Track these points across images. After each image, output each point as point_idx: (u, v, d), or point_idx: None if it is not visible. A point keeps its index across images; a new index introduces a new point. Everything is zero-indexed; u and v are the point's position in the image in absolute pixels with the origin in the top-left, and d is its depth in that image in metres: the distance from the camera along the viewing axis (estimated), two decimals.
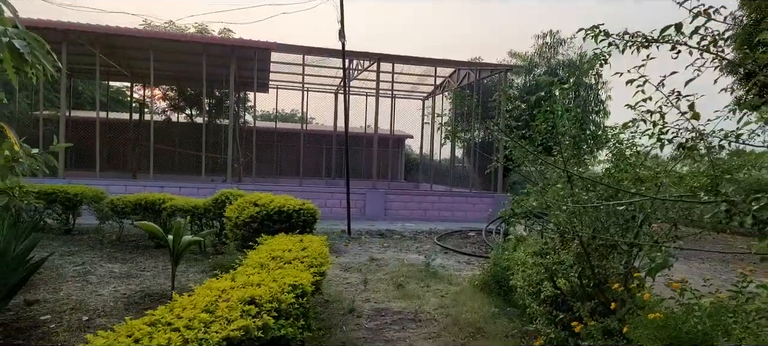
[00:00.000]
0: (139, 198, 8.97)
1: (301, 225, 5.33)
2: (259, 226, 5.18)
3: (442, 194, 15.67)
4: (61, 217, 9.92)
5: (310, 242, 4.59)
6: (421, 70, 19.01)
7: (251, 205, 5.43)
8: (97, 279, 6.71)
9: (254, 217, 5.21)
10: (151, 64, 13.75)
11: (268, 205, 5.31)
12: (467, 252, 10.02)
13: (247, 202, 5.55)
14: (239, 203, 5.56)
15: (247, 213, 5.25)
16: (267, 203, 5.38)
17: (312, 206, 5.56)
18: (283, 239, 4.66)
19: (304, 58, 15.46)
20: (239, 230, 5.28)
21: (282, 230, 5.22)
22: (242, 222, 5.22)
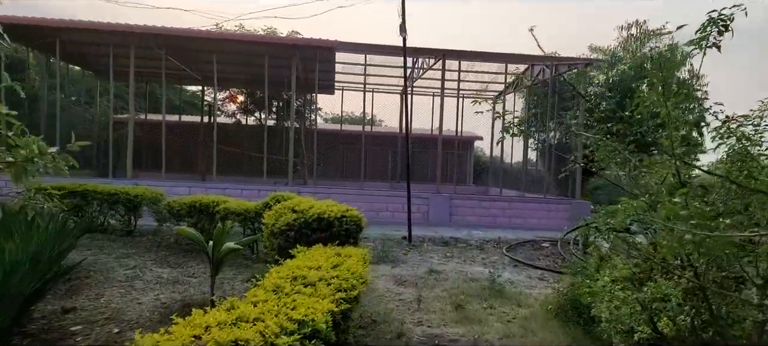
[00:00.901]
0: (193, 200, 8.79)
1: (343, 235, 4.69)
2: (296, 235, 4.60)
3: (512, 200, 14.54)
4: (124, 218, 9.99)
5: (349, 256, 3.92)
6: (490, 68, 17.93)
7: (289, 211, 4.87)
8: (142, 285, 6.47)
9: (291, 225, 4.63)
10: (215, 66, 13.81)
11: (307, 212, 4.71)
12: (540, 266, 8.96)
13: (285, 208, 5.00)
14: (277, 209, 5.02)
15: (284, 220, 4.68)
16: (306, 209, 4.79)
17: (356, 214, 4.90)
18: (319, 251, 4.02)
19: (366, 58, 14.95)
20: (275, 239, 4.73)
21: (321, 240, 4.60)
22: (278, 230, 4.66)
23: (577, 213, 14.33)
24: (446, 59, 14.39)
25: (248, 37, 12.45)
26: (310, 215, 4.70)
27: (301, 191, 13.31)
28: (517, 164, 19.71)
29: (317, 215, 4.71)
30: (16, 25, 11.96)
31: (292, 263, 3.44)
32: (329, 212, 4.79)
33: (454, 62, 16.44)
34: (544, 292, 6.94)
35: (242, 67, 17.85)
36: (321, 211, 4.76)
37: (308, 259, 3.68)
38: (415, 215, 13.76)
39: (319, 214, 4.72)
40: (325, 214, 4.72)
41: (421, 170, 22.72)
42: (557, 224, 14.36)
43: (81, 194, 9.77)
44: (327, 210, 4.81)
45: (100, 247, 8.69)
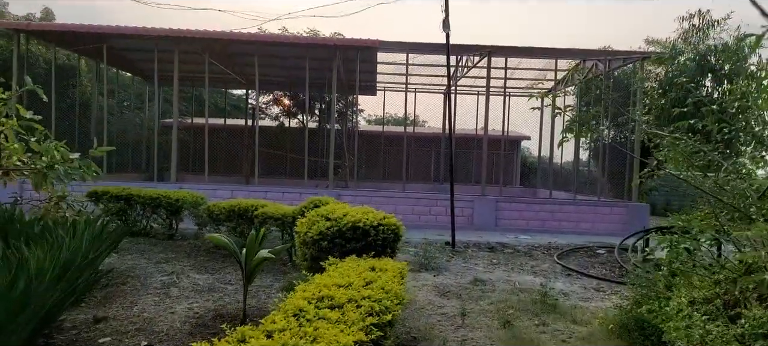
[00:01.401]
0: (232, 205, 8.66)
1: (380, 245, 4.32)
2: (329, 244, 4.26)
3: (563, 202, 13.76)
4: (165, 222, 10.01)
5: (384, 269, 3.53)
6: (538, 65, 17.15)
7: (322, 219, 4.54)
8: (177, 292, 6.32)
9: (323, 234, 4.30)
10: (256, 68, 13.77)
11: (341, 219, 4.37)
12: (596, 275, 8.29)
13: (318, 215, 4.68)
14: (310, 217, 4.70)
15: (316, 229, 4.36)
16: (340, 217, 4.45)
17: (393, 221, 4.51)
18: (351, 264, 3.66)
19: (408, 57, 14.54)
20: (307, 249, 4.41)
21: (356, 251, 4.25)
22: (310, 239, 4.34)
23: (634, 217, 13.41)
24: (492, 56, 13.79)
25: (289, 38, 12.32)
26: (345, 223, 4.35)
27: (342, 194, 13.08)
28: (567, 165, 18.79)
29: (352, 224, 4.35)
30: (63, 32, 12.30)
31: (320, 280, 3.08)
32: (365, 219, 4.42)
33: (499, 60, 15.79)
34: (602, 306, 6.34)
35: (284, 69, 17.84)
36: (356, 219, 4.40)
37: (338, 274, 3.32)
38: (458, 218, 13.23)
39: (354, 222, 4.36)
40: (360, 222, 4.36)
41: (465, 172, 22.09)
42: (612, 228, 13.48)
43: (125, 198, 9.86)
44: (362, 218, 4.45)
45: (141, 251, 8.70)
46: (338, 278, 3.12)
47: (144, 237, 9.93)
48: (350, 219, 4.39)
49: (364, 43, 12.79)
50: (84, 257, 5.46)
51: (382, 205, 13.44)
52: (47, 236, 5.92)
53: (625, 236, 10.19)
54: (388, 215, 4.72)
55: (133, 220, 10.05)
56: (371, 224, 4.39)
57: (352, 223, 4.35)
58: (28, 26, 11.95)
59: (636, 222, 13.30)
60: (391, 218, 4.66)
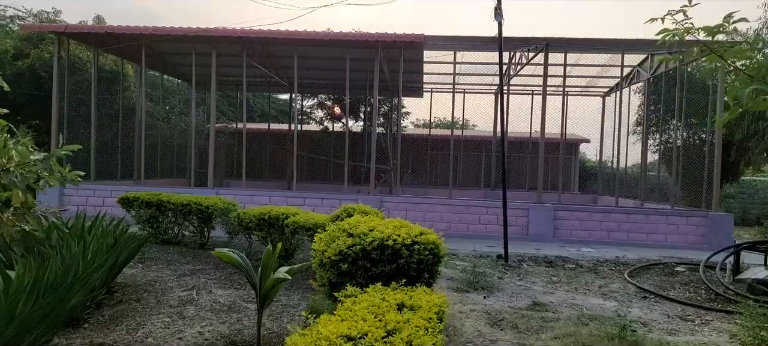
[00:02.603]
0: (262, 212, 7.98)
1: (414, 269, 3.40)
2: (350, 267, 3.40)
3: (631, 212, 12.30)
4: (197, 229, 9.48)
5: (416, 307, 2.61)
6: (600, 60, 15.69)
7: (344, 234, 3.67)
8: (193, 312, 5.64)
9: (343, 254, 3.43)
10: (295, 67, 13.17)
11: (365, 236, 3.50)
12: (679, 299, 6.99)
13: (339, 229, 3.81)
14: (331, 231, 3.85)
15: (335, 247, 3.50)
16: (364, 232, 3.58)
17: (432, 239, 3.59)
18: (374, 298, 2.77)
19: (455, 56, 13.53)
20: (325, 272, 3.55)
21: (385, 276, 3.36)
22: (328, 260, 3.48)
23: (715, 229, 11.78)
24: (549, 50, 12.56)
25: (328, 35, 11.64)
26: (370, 241, 3.47)
27: (384, 201, 12.23)
28: (633, 169, 17.13)
29: (379, 242, 3.47)
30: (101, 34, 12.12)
31: (323, 329, 2.19)
32: (395, 236, 3.52)
33: (557, 55, 14.49)
34: (695, 341, 5.13)
35: (326, 71, 17.27)
36: (384, 235, 3.51)
37: (352, 316, 2.42)
38: (512, 228, 12.06)
39: (382, 240, 3.47)
40: (389, 239, 3.47)
41: (519, 177, 20.72)
42: (689, 241, 11.91)
43: (155, 205, 9.43)
44: (392, 234, 3.55)
45: (168, 261, 8.17)
46: (348, 326, 2.23)
47: (175, 246, 9.45)
48: (377, 236, 3.50)
49: (408, 39, 11.92)
50: (87, 271, 4.86)
51: (427, 213, 12.51)
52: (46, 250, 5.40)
53: (713, 252, 8.74)
54: (426, 231, 3.80)
55: (165, 227, 9.60)
56: (403, 243, 3.49)
57: (379, 241, 3.46)
58: (65, 29, 11.93)
59: (718, 234, 11.68)
60: (430, 234, 3.73)
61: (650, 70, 14.90)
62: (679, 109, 12.79)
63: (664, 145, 16.01)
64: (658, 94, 15.09)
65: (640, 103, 16.82)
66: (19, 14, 22.04)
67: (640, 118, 16.57)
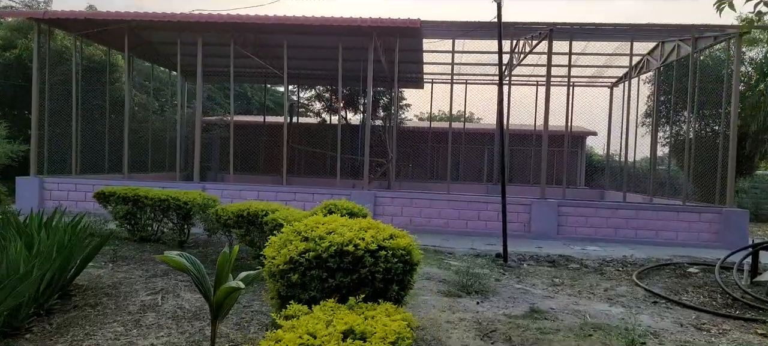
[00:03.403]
0: (241, 209, 7.41)
1: (380, 280, 2.80)
2: (302, 278, 2.80)
3: (639, 207, 11.64)
4: (176, 226, 8.94)
5: (367, 337, 2.02)
6: (608, 49, 14.98)
7: (298, 238, 3.08)
8: (153, 319, 5.09)
9: (294, 262, 2.84)
10: (285, 56, 12.57)
11: (322, 240, 2.90)
12: (692, 304, 6.36)
13: (294, 232, 3.21)
14: (285, 234, 3.25)
15: (285, 254, 2.90)
16: (321, 235, 2.98)
17: (404, 244, 2.99)
18: (318, 321, 2.19)
19: (453, 44, 12.87)
20: (275, 283, 2.96)
21: (344, 289, 2.76)
22: (277, 270, 2.89)
23: (730, 226, 11.11)
24: (554, 37, 11.88)
25: (318, 20, 11.01)
26: (326, 247, 2.87)
27: (378, 196, 11.65)
28: (642, 162, 16.42)
29: (337, 247, 2.87)
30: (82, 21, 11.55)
31: None
32: (358, 240, 2.93)
33: (562, 43, 13.80)
34: None
35: (323, 61, 16.66)
36: (344, 239, 2.91)
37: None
38: (513, 224, 11.46)
39: (341, 245, 2.88)
40: (349, 244, 2.88)
41: (523, 172, 20.06)
42: (701, 239, 11.24)
43: (132, 200, 8.89)
44: (355, 237, 2.95)
45: (141, 260, 7.65)
46: None
47: (153, 243, 8.92)
48: (336, 240, 2.91)
49: (404, 25, 11.28)
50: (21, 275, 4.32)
51: (424, 209, 11.91)
52: None
53: (730, 252, 8.08)
54: (398, 233, 3.20)
55: (143, 224, 9.06)
56: (367, 248, 2.89)
57: (337, 246, 2.87)
58: (44, 15, 11.39)
59: (732, 232, 11.01)
60: (402, 237, 3.13)
61: (661, 58, 14.18)
62: (691, 99, 12.08)
63: (675, 138, 15.30)
64: (668, 84, 14.37)
65: (650, 94, 16.10)
66: (13, 4, 21.59)
67: (650, 110, 15.86)
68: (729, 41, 11.85)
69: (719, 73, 12.88)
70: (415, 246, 3.16)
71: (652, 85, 15.45)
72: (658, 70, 14.61)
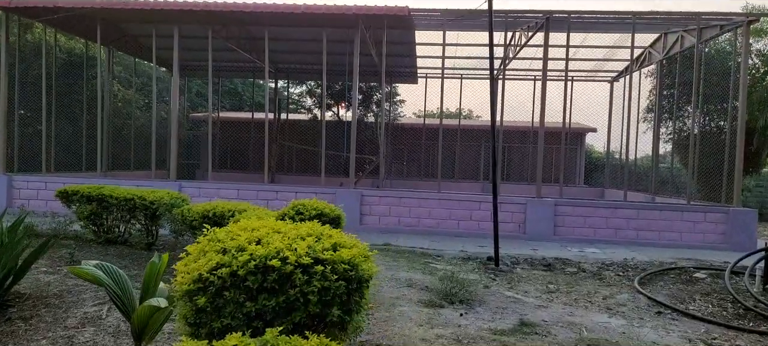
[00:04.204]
0: (207, 209, 6.80)
1: (316, 304, 2.17)
2: (212, 302, 2.17)
3: (641, 207, 11.01)
4: (144, 227, 8.31)
5: None
6: (608, 40, 14.34)
7: (215, 247, 2.45)
8: (90, 336, 4.48)
9: (204, 281, 2.22)
10: (266, 46, 11.92)
11: (241, 253, 2.27)
12: (700, 315, 5.73)
13: (214, 239, 2.59)
14: (203, 244, 2.61)
15: (194, 271, 2.28)
16: (240, 246, 2.35)
17: (348, 257, 2.37)
18: None
19: (444, 35, 12.24)
20: (183, 306, 2.34)
21: (270, 315, 2.12)
22: (184, 290, 2.26)
23: (737, 226, 10.48)
24: (551, 27, 11.24)
25: (299, 7, 10.35)
26: (245, 261, 2.25)
27: (366, 195, 11.05)
28: (644, 160, 15.78)
29: (260, 261, 2.24)
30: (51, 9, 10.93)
31: None
32: (287, 252, 2.30)
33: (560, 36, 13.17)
34: None
35: (312, 55, 16.02)
36: (269, 251, 2.29)
37: None
38: (507, 225, 10.84)
39: (265, 258, 2.25)
40: (275, 258, 2.24)
41: (521, 170, 19.44)
42: (707, 240, 10.61)
43: (97, 199, 8.26)
44: (285, 248, 2.33)
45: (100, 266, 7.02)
46: None
47: (119, 246, 8.30)
48: (258, 253, 2.28)
49: (392, 12, 10.64)
50: None
51: (413, 208, 11.28)
52: None
53: (744, 254, 7.44)
54: (346, 242, 2.58)
55: (109, 225, 8.44)
56: (298, 262, 2.27)
57: (260, 260, 2.25)
58: (9, 3, 10.76)
59: (739, 233, 10.39)
60: (349, 248, 2.51)
61: (663, 50, 13.54)
62: (696, 93, 11.44)
63: (678, 134, 14.66)
64: (671, 78, 13.73)
65: (652, 88, 15.45)
66: None
67: (652, 105, 15.22)
68: (736, 31, 11.20)
69: (725, 66, 12.25)
70: (367, 257, 2.54)
71: (655, 79, 14.81)
72: (660, 62, 13.98)
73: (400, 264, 7.78)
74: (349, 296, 2.39)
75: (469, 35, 15.03)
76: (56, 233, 9.14)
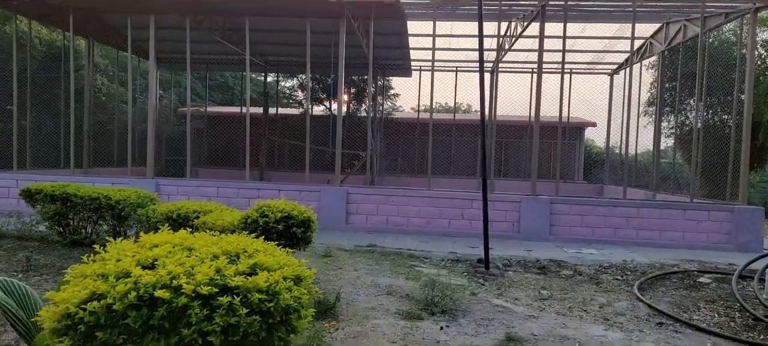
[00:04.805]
0: (171, 209, 6.30)
1: None
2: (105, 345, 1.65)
3: (641, 205, 10.48)
4: (111, 229, 7.81)
5: None
6: (607, 31, 13.79)
7: (95, 271, 1.93)
8: None
9: (72, 318, 1.69)
10: (247, 40, 11.37)
11: (120, 282, 1.75)
12: (707, 326, 5.21)
13: (99, 262, 2.06)
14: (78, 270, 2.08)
15: (62, 303, 1.75)
16: (125, 271, 1.83)
17: (264, 284, 1.85)
18: None
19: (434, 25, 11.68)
20: None
21: None
22: (50, 327, 1.74)
23: (743, 225, 9.96)
24: (547, 17, 10.68)
25: None
26: (123, 292, 1.73)
27: (352, 193, 10.52)
28: (641, 156, 15.23)
29: (146, 292, 1.72)
30: None
31: None
32: (184, 278, 1.78)
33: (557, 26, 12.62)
34: None
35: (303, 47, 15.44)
36: (158, 278, 1.76)
37: None
38: (501, 224, 10.33)
39: (152, 286, 1.73)
40: (164, 288, 1.72)
41: (517, 165, 18.91)
42: (710, 239, 10.09)
43: (61, 199, 7.76)
44: (183, 273, 1.80)
45: (58, 268, 6.54)
46: None
47: (85, 248, 7.78)
48: (144, 280, 1.76)
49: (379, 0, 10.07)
50: None
51: (402, 206, 10.75)
52: None
53: (754, 257, 6.92)
54: (276, 260, 2.05)
55: (75, 226, 7.95)
56: (196, 292, 1.74)
57: (144, 290, 1.72)
58: None
59: (745, 232, 9.87)
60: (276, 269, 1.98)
61: (665, 41, 12.98)
62: (699, 85, 10.88)
63: (680, 128, 14.11)
64: (673, 70, 13.18)
65: (653, 80, 14.90)
66: None
67: (653, 98, 14.66)
68: (742, 19, 10.64)
69: (729, 57, 11.69)
70: (301, 279, 2.02)
71: (656, 71, 14.26)
72: (662, 54, 13.42)
73: (383, 268, 7.27)
74: (270, 334, 1.87)
75: (463, 27, 14.50)
76: (21, 234, 8.67)
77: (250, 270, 1.98)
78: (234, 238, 2.37)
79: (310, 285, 2.19)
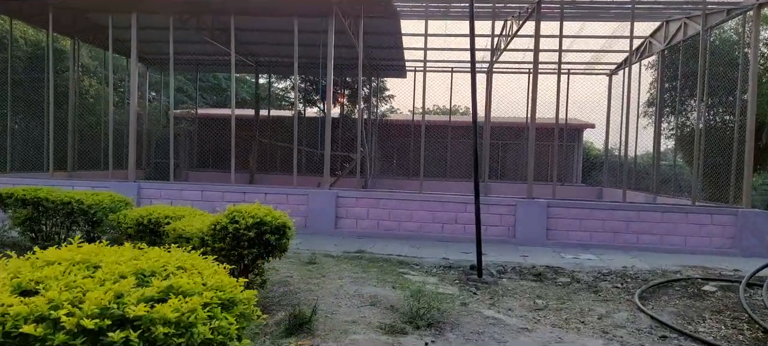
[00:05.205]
0: (142, 214, 5.92)
1: None
2: None
3: (641, 208, 10.10)
4: (85, 234, 7.41)
5: None
6: (605, 30, 13.44)
7: None
8: None
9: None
10: (232, 39, 10.98)
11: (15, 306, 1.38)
12: (713, 340, 4.83)
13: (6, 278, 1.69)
14: None
15: None
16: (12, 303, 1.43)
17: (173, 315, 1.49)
18: None
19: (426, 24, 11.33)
20: None
21: None
22: None
23: (748, 229, 9.58)
24: (542, 16, 10.31)
25: None
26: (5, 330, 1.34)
27: (342, 196, 10.14)
28: (641, 158, 14.86)
29: (13, 327, 1.33)
30: None
31: None
32: (66, 309, 1.40)
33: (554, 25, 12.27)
34: None
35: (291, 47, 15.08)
36: (32, 309, 1.38)
37: None
38: (496, 228, 9.95)
39: (22, 319, 1.34)
40: (35, 323, 1.33)
41: (515, 168, 18.54)
42: (714, 244, 9.72)
43: (33, 203, 7.38)
44: (67, 302, 1.42)
45: None
46: None
47: None
48: (16, 311, 1.38)
49: None
50: None
51: (393, 210, 10.37)
52: None
53: (762, 264, 6.53)
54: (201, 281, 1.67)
55: (48, 232, 7.56)
56: (81, 326, 1.37)
57: (11, 324, 1.34)
58: None
59: (750, 236, 9.51)
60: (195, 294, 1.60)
61: (665, 40, 12.63)
62: (701, 85, 10.51)
63: (681, 129, 13.75)
64: (674, 69, 12.82)
65: (653, 80, 14.54)
66: None
67: (653, 98, 14.30)
68: (745, 16, 10.29)
69: (731, 56, 11.34)
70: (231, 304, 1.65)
71: (656, 71, 13.90)
72: (661, 53, 13.07)
73: (370, 276, 6.88)
74: None
75: (457, 27, 14.15)
76: None
77: (162, 295, 1.60)
78: (156, 252, 1.99)
79: (249, 310, 1.81)
